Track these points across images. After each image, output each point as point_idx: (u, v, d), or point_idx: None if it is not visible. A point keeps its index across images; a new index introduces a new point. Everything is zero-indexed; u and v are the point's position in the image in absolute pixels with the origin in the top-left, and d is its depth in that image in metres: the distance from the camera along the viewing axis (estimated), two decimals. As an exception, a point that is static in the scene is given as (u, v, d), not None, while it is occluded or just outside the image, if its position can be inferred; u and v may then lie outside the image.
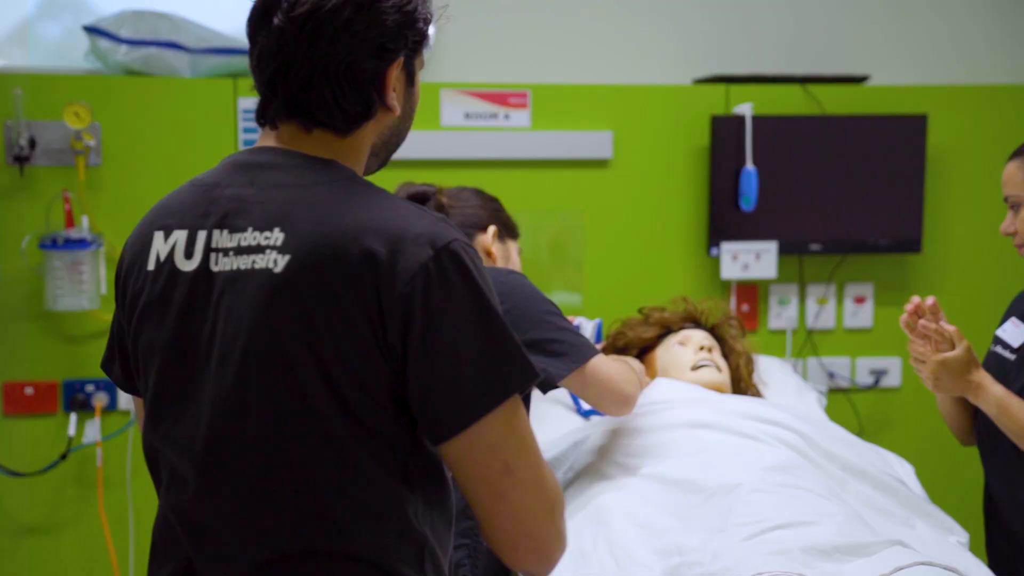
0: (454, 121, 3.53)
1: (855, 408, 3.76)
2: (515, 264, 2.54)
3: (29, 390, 3.31)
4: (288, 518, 1.37)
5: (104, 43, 3.32)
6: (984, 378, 2.36)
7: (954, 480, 3.46)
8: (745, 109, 3.56)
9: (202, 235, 1.43)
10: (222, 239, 1.42)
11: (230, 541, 1.39)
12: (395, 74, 1.48)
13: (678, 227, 3.66)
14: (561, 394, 2.93)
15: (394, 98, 1.48)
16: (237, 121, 3.37)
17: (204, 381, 1.40)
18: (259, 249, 1.38)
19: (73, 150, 3.23)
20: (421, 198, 2.47)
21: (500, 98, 3.55)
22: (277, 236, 1.38)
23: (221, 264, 1.41)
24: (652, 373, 2.79)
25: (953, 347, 2.37)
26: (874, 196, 3.65)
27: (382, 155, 1.56)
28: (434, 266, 1.34)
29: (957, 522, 2.51)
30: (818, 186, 3.63)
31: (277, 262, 1.37)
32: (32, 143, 3.21)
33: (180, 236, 1.45)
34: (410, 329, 1.33)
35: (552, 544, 1.41)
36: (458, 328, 1.34)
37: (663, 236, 3.65)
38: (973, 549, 2.49)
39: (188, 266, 1.43)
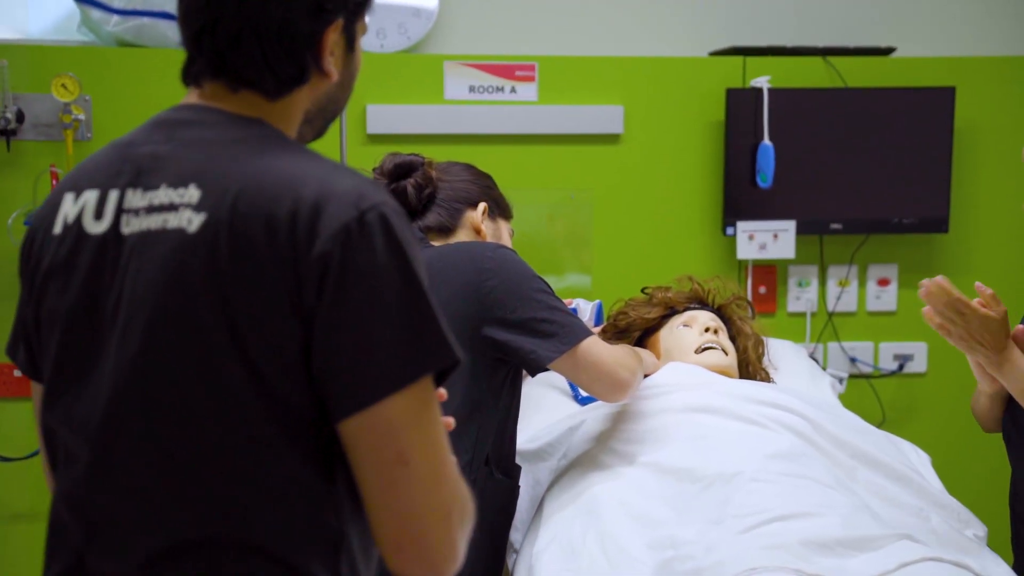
0: (458, 95, 3.40)
1: (877, 395, 3.60)
2: (506, 245, 2.41)
3: (18, 372, 3.21)
4: (189, 503, 1.26)
5: (96, 13, 3.22)
6: (1014, 351, 2.20)
7: (981, 472, 3.29)
8: (762, 82, 3.40)
9: (114, 195, 1.32)
10: (135, 198, 1.31)
11: (125, 529, 1.27)
12: (333, 37, 1.37)
13: (692, 205, 3.51)
14: (559, 380, 2.80)
15: (331, 63, 1.37)
16: (232, 94, 3.26)
17: (107, 353, 1.29)
18: (172, 207, 1.27)
19: (62, 124, 3.13)
20: (408, 168, 2.34)
21: (506, 71, 3.42)
22: (192, 193, 1.27)
23: (132, 225, 1.30)
24: (656, 356, 2.65)
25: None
26: (898, 173, 3.49)
27: (318, 123, 1.45)
28: (357, 227, 1.23)
29: (977, 515, 2.37)
30: (839, 162, 3.47)
31: (191, 221, 1.26)
32: (20, 116, 3.12)
33: (90, 196, 1.34)
34: (323, 291, 1.22)
35: (440, 553, 1.26)
36: (374, 296, 1.22)
37: (676, 215, 3.51)
38: (996, 544, 2.34)
39: (97, 228, 1.32)
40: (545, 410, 2.64)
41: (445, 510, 1.25)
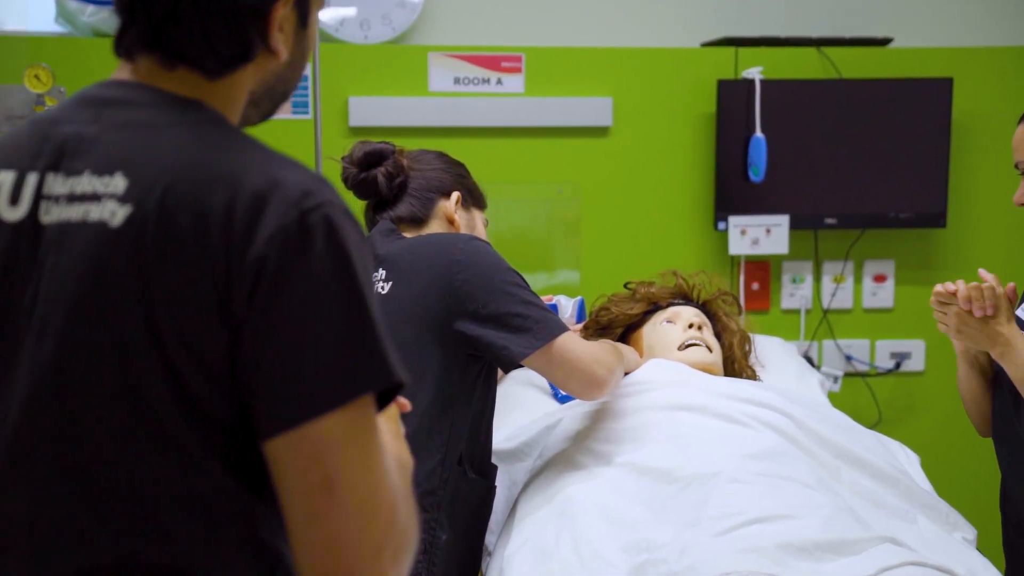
0: (442, 87, 3.33)
1: (874, 394, 3.52)
2: (480, 236, 2.33)
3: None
4: (106, 521, 1.15)
5: (72, 3, 3.16)
6: (1016, 336, 2.11)
7: (979, 473, 3.20)
8: (754, 73, 3.32)
9: (32, 178, 1.21)
10: (55, 184, 1.20)
11: (36, 549, 1.17)
12: (283, 12, 1.24)
13: (682, 200, 3.44)
14: (538, 377, 2.72)
15: (280, 40, 1.25)
16: (211, 86, 3.20)
17: (23, 354, 1.18)
18: (95, 197, 1.16)
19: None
20: (378, 157, 2.27)
21: (492, 62, 3.34)
22: (118, 183, 1.16)
23: (52, 214, 1.19)
24: (639, 352, 2.57)
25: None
26: (895, 166, 3.40)
27: (265, 105, 1.33)
28: (297, 228, 1.12)
29: (974, 518, 2.29)
30: (834, 155, 3.39)
31: (115, 214, 1.15)
32: (-8, 108, 3.05)
33: (6, 179, 1.22)
34: (254, 299, 1.11)
35: None
36: (309, 306, 1.11)
37: (666, 209, 3.44)
38: (989, 548, 2.26)
39: (13, 215, 1.21)
40: (523, 408, 2.56)
41: (376, 545, 1.13)
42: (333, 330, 1.12)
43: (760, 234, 3.38)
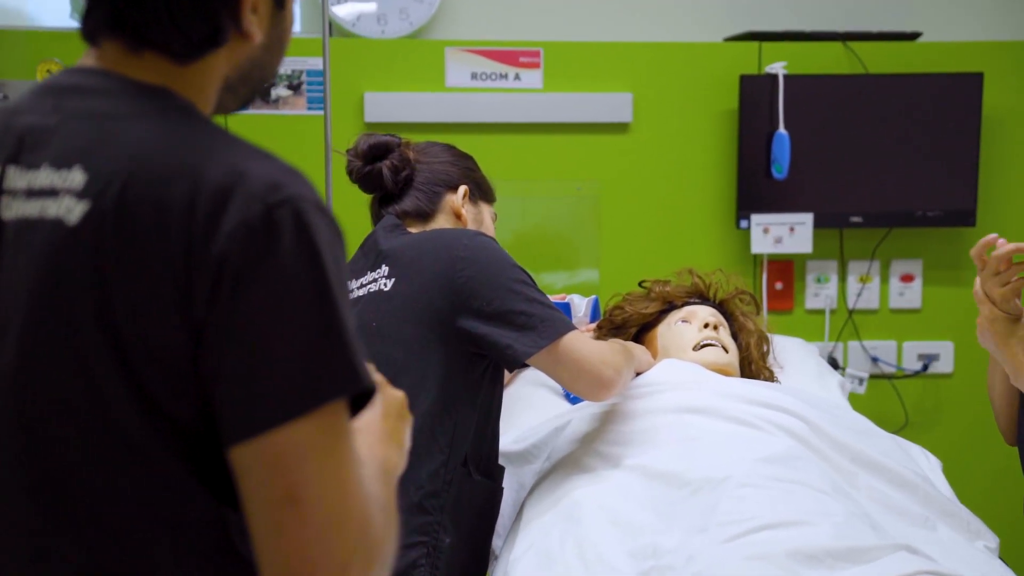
0: (459, 82, 3.28)
1: (900, 397, 3.44)
2: (488, 231, 2.27)
3: None
4: (70, 534, 1.10)
5: (85, -1, 3.13)
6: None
7: (1007, 479, 3.11)
8: (777, 68, 3.25)
9: None
10: (15, 177, 1.14)
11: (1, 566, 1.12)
12: None
13: (704, 197, 3.37)
14: (549, 378, 2.65)
15: (253, 23, 1.18)
16: (225, 82, 3.17)
17: None
18: (52, 193, 1.10)
19: (48, 111, 3.04)
20: (383, 149, 2.21)
21: (510, 57, 3.29)
22: (76, 177, 1.09)
23: (12, 210, 1.13)
24: (653, 353, 2.50)
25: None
26: (923, 163, 3.32)
27: (242, 91, 1.25)
28: (262, 224, 1.05)
29: (1000, 526, 2.21)
30: (859, 152, 3.31)
31: (72, 211, 1.08)
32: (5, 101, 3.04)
33: None
34: (216, 299, 1.05)
35: None
36: (274, 305, 1.05)
37: (687, 207, 3.37)
38: (1014, 558, 2.19)
39: None
40: (534, 409, 2.50)
41: (342, 561, 1.06)
42: (298, 333, 1.05)
43: (783, 232, 3.30)
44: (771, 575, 1.72)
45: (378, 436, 1.23)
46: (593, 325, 2.63)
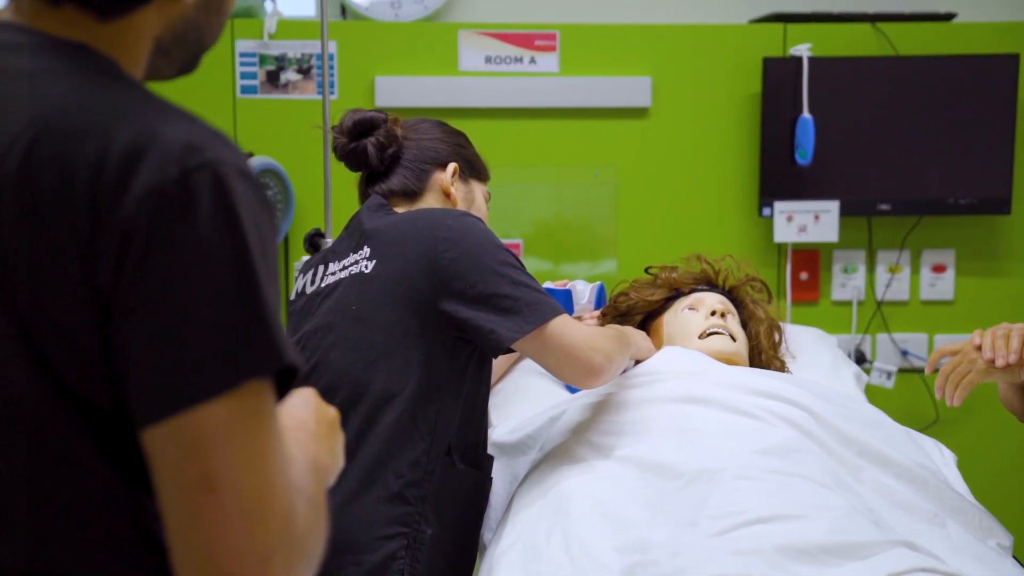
0: (473, 66, 3.21)
1: (931, 391, 3.30)
2: (479, 210, 2.19)
3: None
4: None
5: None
6: None
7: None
8: (802, 50, 3.14)
9: None
10: None
11: None
12: None
13: (725, 184, 3.27)
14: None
15: None
16: (234, 64, 3.12)
17: None
18: None
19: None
20: (368, 125, 2.14)
21: (525, 40, 3.21)
22: None
23: None
24: (658, 341, 2.40)
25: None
26: (955, 149, 3.20)
27: (177, 55, 1.16)
28: (176, 190, 0.97)
29: (1015, 523, 2.09)
30: (888, 137, 3.19)
31: None
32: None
33: None
34: (122, 269, 0.97)
35: None
36: (186, 277, 0.97)
37: (708, 194, 3.27)
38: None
39: None
40: (531, 399, 2.41)
41: (264, 552, 0.98)
42: (215, 308, 0.97)
43: (808, 220, 3.19)
44: (758, 571, 1.62)
45: (310, 434, 1.15)
46: (598, 312, 2.54)
